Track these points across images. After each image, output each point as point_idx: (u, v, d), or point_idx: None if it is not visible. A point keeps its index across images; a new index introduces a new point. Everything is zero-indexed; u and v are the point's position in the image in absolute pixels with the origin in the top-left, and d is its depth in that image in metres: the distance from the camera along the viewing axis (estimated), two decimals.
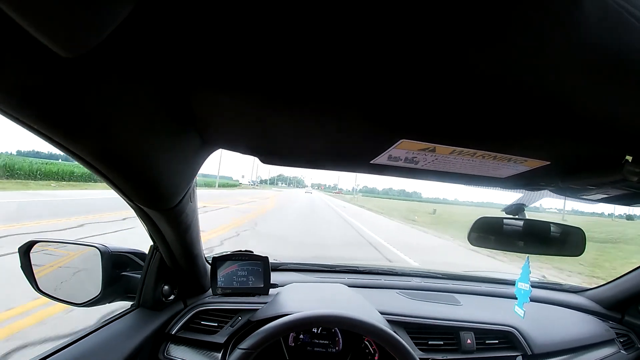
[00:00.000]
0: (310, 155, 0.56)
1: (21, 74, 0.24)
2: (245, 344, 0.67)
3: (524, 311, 0.80)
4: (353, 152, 0.52)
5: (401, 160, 0.51)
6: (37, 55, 0.22)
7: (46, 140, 0.32)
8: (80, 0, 0.17)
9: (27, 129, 0.30)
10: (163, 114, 0.39)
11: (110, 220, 5.86)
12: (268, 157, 0.57)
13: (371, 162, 0.53)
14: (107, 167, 0.40)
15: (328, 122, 0.41)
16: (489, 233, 0.81)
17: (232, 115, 0.43)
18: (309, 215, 12.44)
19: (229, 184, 57.52)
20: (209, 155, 0.59)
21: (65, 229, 4.97)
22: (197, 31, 0.27)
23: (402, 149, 0.46)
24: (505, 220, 0.81)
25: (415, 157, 0.49)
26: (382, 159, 0.51)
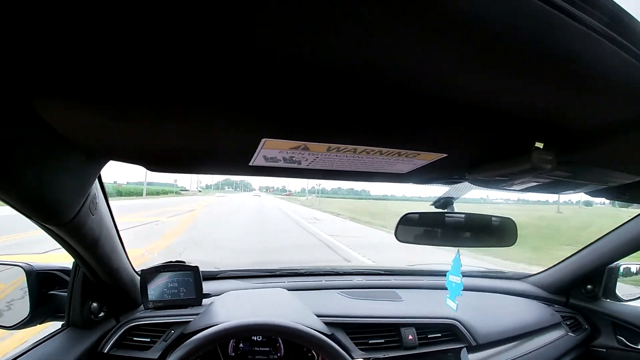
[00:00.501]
0: (192, 160, 0.54)
1: None
2: (173, 357, 0.66)
3: (457, 304, 0.80)
4: (230, 155, 0.50)
5: (280, 160, 0.49)
6: None
7: None
8: None
9: None
10: (17, 129, 0.36)
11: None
12: (154, 165, 0.55)
13: (250, 164, 0.51)
14: None
15: (193, 126, 0.39)
16: (417, 227, 0.81)
17: (100, 127, 0.40)
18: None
19: (164, 190, 51.35)
20: (99, 168, 0.57)
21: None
22: (27, 35, 0.24)
23: (273, 149, 0.44)
24: (434, 215, 0.81)
25: (293, 157, 0.47)
26: (259, 161, 0.49)
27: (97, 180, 0.65)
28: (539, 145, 0.41)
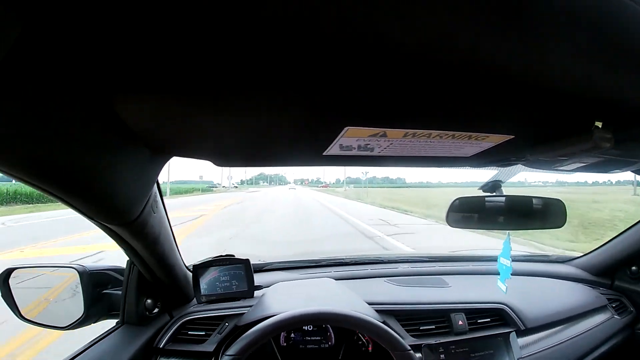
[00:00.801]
0: (261, 152, 0.55)
1: None
2: (232, 350, 0.67)
3: (507, 286, 0.79)
4: (303, 145, 0.51)
5: (354, 148, 0.49)
6: None
7: None
8: None
9: None
10: (93, 128, 0.37)
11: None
12: (221, 159, 0.56)
13: (324, 153, 0.51)
14: (50, 185, 0.39)
15: (269, 117, 0.40)
16: (467, 213, 0.80)
17: (170, 121, 0.41)
18: None
19: (193, 189, 46.35)
20: (162, 164, 0.57)
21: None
22: (108, 37, 0.25)
23: (351, 137, 0.45)
24: (484, 199, 0.81)
25: (369, 144, 0.47)
26: (334, 150, 0.49)
27: None
28: (598, 124, 0.41)
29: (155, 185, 0.69)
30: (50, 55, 0.26)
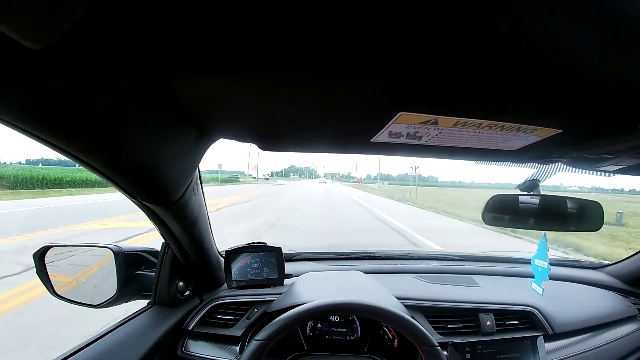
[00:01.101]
0: (308, 136, 0.55)
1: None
2: (261, 335, 0.67)
3: (543, 289, 0.78)
4: (352, 131, 0.50)
5: (403, 136, 0.49)
6: (9, 52, 0.22)
7: (37, 140, 0.32)
8: None
9: (17, 130, 0.29)
10: (150, 106, 0.37)
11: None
12: (267, 143, 0.56)
13: (372, 140, 0.51)
14: (100, 163, 0.40)
15: (321, 97, 0.40)
16: (503, 211, 0.79)
17: (221, 101, 0.41)
18: None
19: (223, 178, 41.08)
20: (208, 146, 0.58)
21: None
22: (171, 12, 0.25)
23: (402, 124, 0.44)
24: (520, 198, 0.80)
25: (418, 132, 0.47)
26: (382, 136, 0.49)
27: None
28: None
29: (197, 169, 0.71)
30: (115, 30, 0.27)
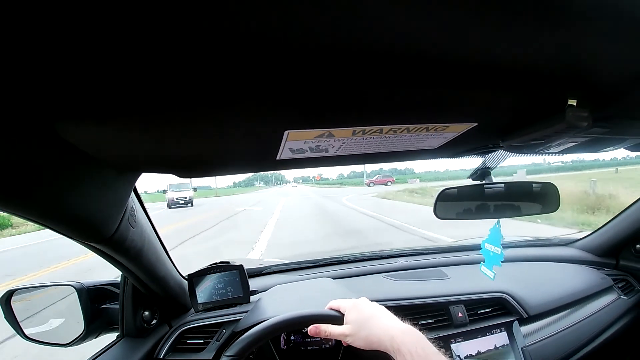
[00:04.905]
0: (220, 162, 0.53)
1: None
2: (230, 351, 0.66)
3: (494, 273, 0.78)
4: (255, 152, 0.49)
5: (307, 151, 0.47)
6: None
7: None
8: None
9: None
10: (49, 154, 0.36)
11: None
12: (184, 172, 0.55)
13: (277, 158, 0.50)
14: (17, 211, 0.39)
15: (219, 129, 0.38)
16: (455, 203, 0.79)
17: (122, 141, 0.40)
18: None
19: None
20: (133, 181, 0.57)
21: None
22: (45, 61, 0.23)
23: (298, 140, 0.43)
24: (472, 188, 0.79)
25: (319, 145, 0.45)
26: (286, 154, 0.48)
27: (132, 192, 0.65)
28: (572, 102, 0.38)
29: (135, 198, 0.69)
30: None
